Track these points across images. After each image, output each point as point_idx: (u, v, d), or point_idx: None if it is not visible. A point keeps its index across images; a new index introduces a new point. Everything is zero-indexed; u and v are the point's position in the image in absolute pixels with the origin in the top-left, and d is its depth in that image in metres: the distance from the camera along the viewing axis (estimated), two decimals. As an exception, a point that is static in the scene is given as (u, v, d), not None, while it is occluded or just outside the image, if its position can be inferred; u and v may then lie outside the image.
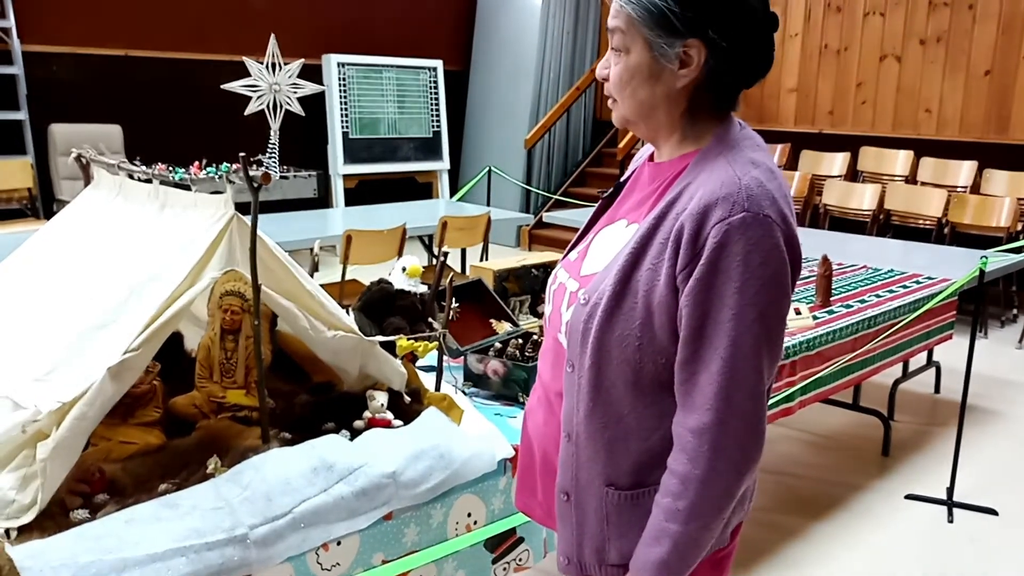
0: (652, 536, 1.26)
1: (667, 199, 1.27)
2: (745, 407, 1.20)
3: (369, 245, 4.69)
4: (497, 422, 2.16)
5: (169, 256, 1.83)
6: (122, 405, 1.82)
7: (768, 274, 1.18)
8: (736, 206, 1.17)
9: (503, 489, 2.04)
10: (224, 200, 1.84)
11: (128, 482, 1.72)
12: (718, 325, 1.18)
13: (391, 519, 1.82)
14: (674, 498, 1.24)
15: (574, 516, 1.39)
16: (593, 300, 1.29)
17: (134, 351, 1.64)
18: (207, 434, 1.90)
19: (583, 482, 1.36)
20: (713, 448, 1.20)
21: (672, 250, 1.21)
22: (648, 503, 1.30)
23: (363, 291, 2.29)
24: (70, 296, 1.92)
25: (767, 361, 1.21)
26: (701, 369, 1.21)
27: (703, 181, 1.23)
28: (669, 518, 1.24)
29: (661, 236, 1.24)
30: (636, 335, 1.25)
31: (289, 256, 1.95)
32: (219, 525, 1.58)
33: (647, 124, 1.32)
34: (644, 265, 1.25)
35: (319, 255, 2.61)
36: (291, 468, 1.74)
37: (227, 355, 2.02)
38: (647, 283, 1.24)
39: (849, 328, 3.37)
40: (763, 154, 1.29)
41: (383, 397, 2.07)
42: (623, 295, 1.26)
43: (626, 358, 1.26)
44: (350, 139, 8.14)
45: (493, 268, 3.04)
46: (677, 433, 1.25)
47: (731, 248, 1.17)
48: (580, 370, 1.31)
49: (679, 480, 1.23)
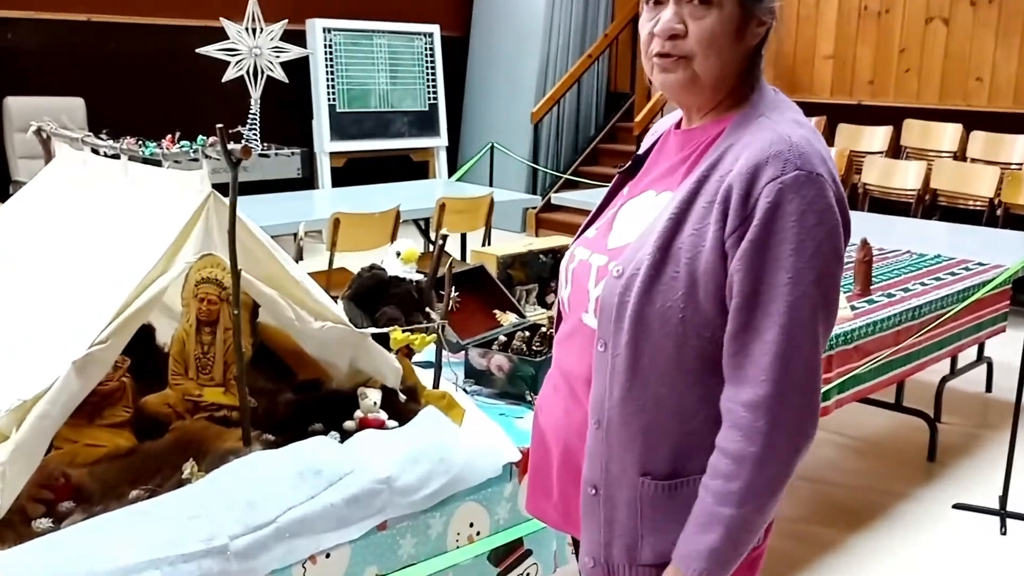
0: (701, 523, 1.29)
1: (707, 162, 1.31)
2: (803, 378, 1.24)
3: (359, 230, 4.68)
4: (502, 423, 2.17)
5: (139, 239, 1.83)
6: (88, 404, 1.83)
7: (823, 235, 1.23)
8: (788, 164, 1.23)
9: (509, 496, 2.05)
10: (200, 177, 1.84)
11: (95, 488, 1.73)
12: (773, 290, 1.23)
13: (385, 529, 1.83)
14: (726, 479, 1.26)
15: (603, 512, 1.41)
16: (629, 271, 1.32)
17: (101, 344, 1.65)
18: (182, 436, 1.90)
19: (615, 473, 1.38)
20: (770, 422, 1.23)
21: (719, 213, 1.26)
22: (686, 494, 1.33)
23: (352, 278, 2.29)
24: (30, 284, 1.92)
25: (823, 329, 1.26)
26: (755, 338, 1.24)
27: (748, 142, 1.28)
28: (721, 501, 1.27)
29: (705, 199, 1.28)
30: (679, 307, 1.28)
31: (271, 240, 1.95)
32: (196, 535, 1.58)
33: (714, 87, 1.36)
34: (686, 230, 1.29)
35: (304, 241, 2.62)
36: (275, 473, 1.74)
37: (203, 349, 2.03)
38: (691, 249, 1.28)
39: (891, 320, 3.37)
40: (803, 116, 1.34)
41: (376, 395, 2.07)
42: (664, 264, 1.29)
43: (668, 332, 1.29)
44: (337, 113, 8.14)
45: (496, 254, 3.05)
46: (728, 409, 1.28)
47: (785, 207, 1.22)
48: (615, 348, 1.33)
49: (732, 459, 1.26)
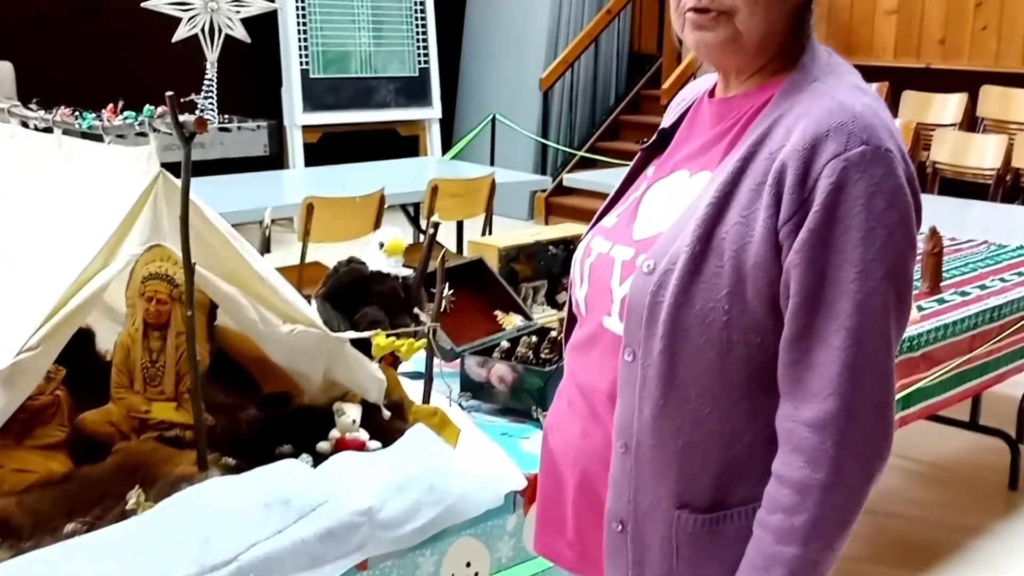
0: (758, 565, 1.29)
1: (753, 137, 1.31)
2: (875, 390, 1.24)
3: (336, 217, 4.69)
4: (504, 444, 2.17)
5: (75, 228, 1.84)
6: (16, 422, 1.84)
7: (895, 221, 1.23)
8: (853, 138, 1.22)
9: (512, 531, 2.05)
10: (147, 154, 1.84)
11: (25, 521, 1.73)
12: (839, 287, 1.22)
13: (366, 569, 1.83)
14: (788, 513, 1.26)
15: (631, 551, 1.40)
16: (663, 266, 1.31)
17: (30, 351, 1.66)
18: (126, 459, 1.90)
19: (645, 506, 1.38)
20: (839, 444, 1.23)
21: (771, 196, 1.25)
22: (730, 530, 1.33)
23: (328, 274, 2.30)
24: (-53, 281, 1.93)
25: (896, 332, 1.26)
26: (817, 344, 1.24)
27: (803, 112, 1.27)
28: (782, 539, 1.26)
29: (752, 181, 1.28)
30: (723, 308, 1.28)
31: (232, 229, 1.96)
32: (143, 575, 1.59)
33: (758, 48, 1.36)
34: (731, 218, 1.28)
35: (270, 228, 2.62)
36: (236, 503, 1.74)
37: (152, 357, 2.03)
38: (737, 240, 1.27)
39: (965, 323, 3.36)
40: (863, 82, 1.34)
41: (355, 412, 2.07)
42: (704, 257, 1.29)
43: (709, 338, 1.29)
44: (311, 79, 8.15)
45: (498, 245, 3.05)
46: (787, 430, 1.27)
47: (850, 189, 1.21)
48: (646, 358, 1.33)
49: (794, 489, 1.25)
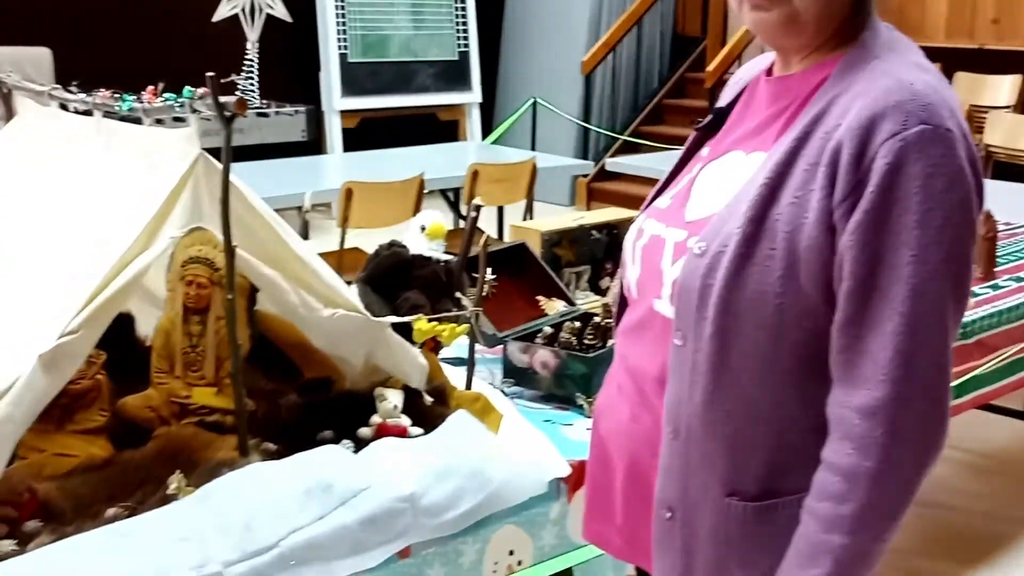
0: (805, 554, 1.27)
1: (809, 115, 1.29)
2: (929, 377, 1.22)
3: (376, 202, 4.69)
4: (547, 430, 2.16)
5: (116, 211, 1.84)
6: (58, 407, 1.85)
7: (954, 203, 1.20)
8: (911, 117, 1.20)
9: (556, 519, 2.04)
10: (187, 136, 1.84)
11: (67, 505, 1.74)
12: (894, 270, 1.20)
13: (408, 556, 1.84)
14: (836, 501, 1.24)
15: (680, 539, 1.39)
16: (714, 248, 1.30)
17: (72, 334, 1.67)
18: (167, 444, 1.92)
19: (695, 493, 1.37)
20: (890, 432, 1.22)
21: (826, 176, 1.23)
22: (782, 518, 1.32)
23: (369, 258, 2.29)
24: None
25: (953, 319, 1.24)
26: (871, 330, 1.22)
27: (860, 90, 1.25)
28: (830, 527, 1.25)
29: (807, 161, 1.26)
30: (775, 291, 1.26)
31: (273, 212, 1.96)
32: (185, 561, 1.60)
33: (818, 26, 1.33)
34: (784, 199, 1.27)
35: (310, 215, 2.62)
36: (277, 489, 1.75)
37: (192, 342, 2.04)
38: (790, 222, 1.26)
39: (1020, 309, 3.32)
40: (925, 59, 1.31)
41: (397, 397, 2.07)
42: (757, 239, 1.27)
43: (761, 323, 1.27)
44: (349, 64, 8.15)
45: (540, 229, 3.04)
46: (838, 416, 1.26)
47: (908, 170, 1.19)
48: (697, 342, 1.32)
49: (843, 477, 1.24)
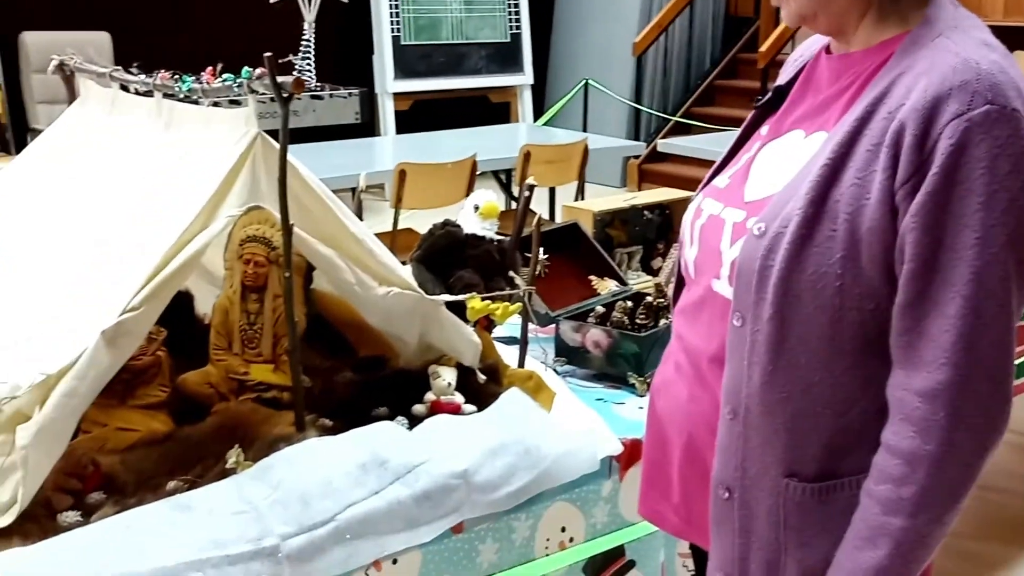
0: (864, 536, 1.28)
1: (871, 95, 1.28)
2: (992, 360, 1.21)
3: (428, 183, 4.72)
4: (599, 409, 2.17)
5: (175, 190, 1.87)
6: (119, 382, 1.89)
7: (1020, 185, 1.19)
8: (977, 97, 1.18)
9: (608, 496, 2.05)
10: (245, 115, 1.86)
11: (128, 478, 1.78)
12: (956, 253, 1.20)
13: (461, 531, 1.85)
14: (896, 484, 1.25)
15: (738, 519, 1.40)
16: (774, 229, 1.30)
17: (133, 311, 1.69)
18: (226, 420, 1.95)
19: (753, 473, 1.37)
20: (951, 415, 1.21)
21: (888, 157, 1.23)
22: (840, 500, 1.32)
23: (423, 237, 2.31)
24: (53, 244, 1.98)
25: (1017, 302, 1.23)
26: (932, 312, 1.22)
27: (924, 69, 1.24)
28: (890, 510, 1.25)
29: (869, 141, 1.25)
30: (836, 273, 1.26)
31: (329, 191, 1.98)
32: (243, 534, 1.62)
33: (826, 12, 1.34)
34: (846, 179, 1.26)
35: (363, 195, 2.64)
36: (333, 464, 1.77)
37: (250, 319, 2.07)
38: (851, 203, 1.25)
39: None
40: (992, 37, 1.30)
41: (450, 375, 2.09)
42: (817, 220, 1.27)
43: (821, 304, 1.27)
44: (402, 47, 8.18)
45: (592, 209, 3.05)
46: (898, 399, 1.26)
47: (972, 151, 1.18)
48: (755, 323, 1.32)
49: (903, 459, 1.24)
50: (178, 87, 1.98)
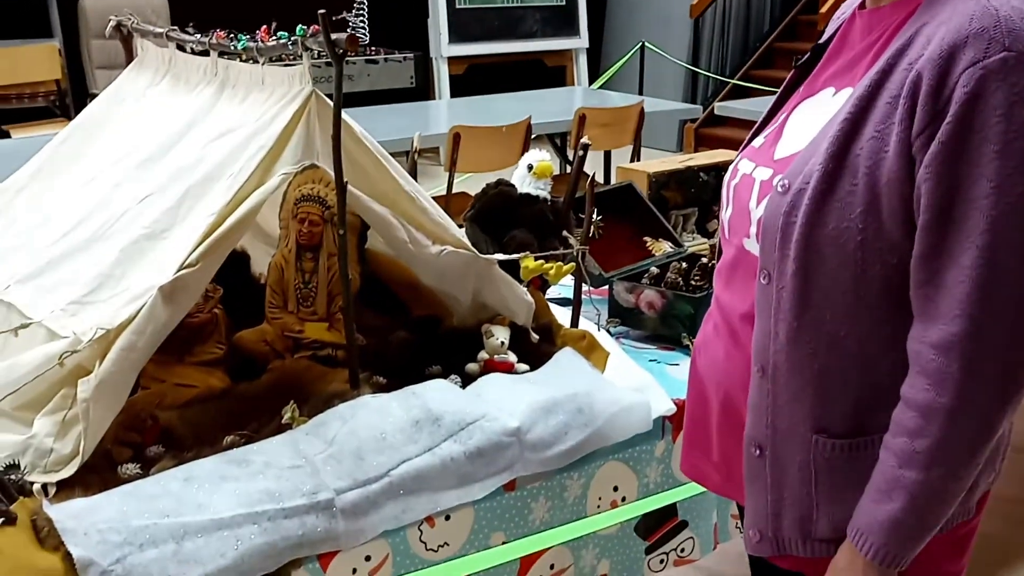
0: (881, 489, 1.28)
1: (894, 47, 1.27)
2: (1008, 311, 1.20)
3: (482, 147, 4.72)
4: (653, 370, 2.17)
5: (231, 147, 1.89)
6: (177, 339, 1.92)
7: None
8: (994, 44, 1.17)
9: (660, 456, 2.05)
10: (299, 74, 1.88)
11: (186, 432, 1.82)
12: (971, 203, 1.18)
13: (514, 489, 1.87)
14: (911, 436, 1.24)
15: (769, 476, 1.40)
16: (796, 185, 1.30)
17: (190, 267, 1.72)
18: (281, 377, 1.98)
19: (782, 430, 1.37)
20: (965, 367, 1.20)
21: (906, 108, 1.21)
22: (871, 456, 1.31)
23: (477, 196, 2.32)
24: (110, 201, 2.01)
25: None
26: (947, 264, 1.21)
27: (945, 18, 1.23)
28: (905, 463, 1.25)
29: (889, 93, 1.24)
30: (857, 227, 1.25)
31: (383, 150, 1.98)
32: (299, 488, 1.65)
33: None
34: (866, 133, 1.25)
35: (417, 153, 2.64)
36: (387, 420, 1.79)
37: (304, 278, 2.09)
38: (871, 156, 1.24)
39: None
40: None
41: (504, 334, 2.10)
42: (838, 175, 1.27)
43: (843, 260, 1.27)
44: (457, 10, 8.16)
45: (648, 171, 3.03)
46: (915, 352, 1.25)
47: (988, 99, 1.16)
48: (780, 280, 1.32)
49: (918, 412, 1.24)
50: (233, 45, 2.00)
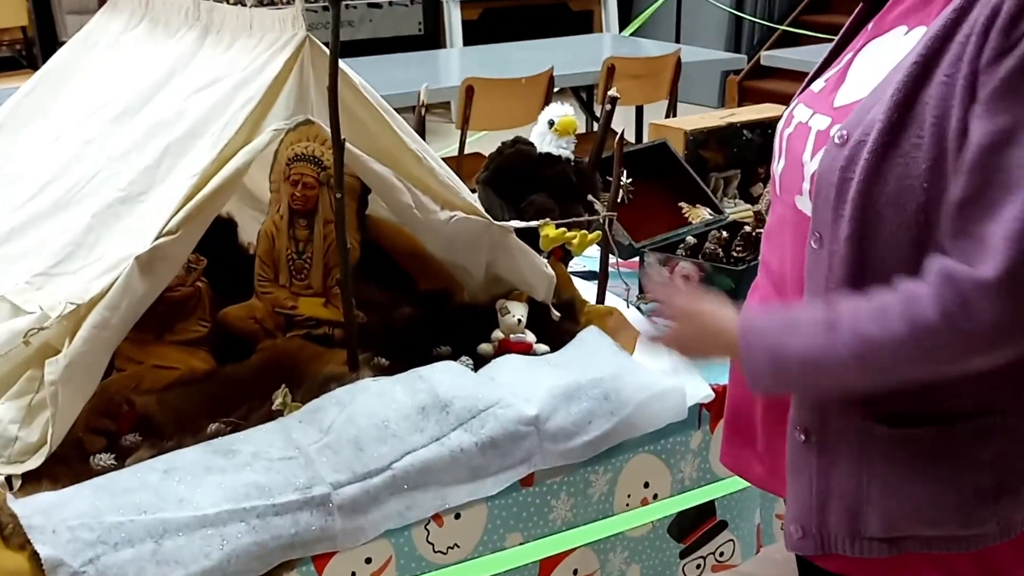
0: (799, 320, 1.31)
1: None
2: None
3: (499, 100, 4.71)
4: (689, 351, 2.16)
5: (215, 100, 1.88)
6: (156, 316, 1.92)
7: None
8: None
9: (697, 449, 2.05)
10: (292, 17, 1.86)
11: (166, 419, 1.82)
12: (1021, 149, 1.16)
13: (531, 484, 1.86)
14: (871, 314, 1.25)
15: (816, 464, 1.40)
16: (856, 137, 1.28)
17: (170, 235, 1.72)
18: (272, 357, 1.98)
19: (832, 414, 1.37)
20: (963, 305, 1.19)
21: (976, 47, 1.20)
22: (932, 445, 1.31)
23: (491, 155, 2.31)
24: (81, 160, 2.01)
25: None
26: (986, 215, 1.19)
27: None
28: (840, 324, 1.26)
29: (964, 33, 1.23)
30: (921, 186, 1.24)
31: (385, 103, 1.97)
32: (291, 481, 1.65)
33: None
34: (935, 78, 1.24)
35: (425, 107, 2.63)
36: (390, 407, 1.79)
37: (298, 248, 2.09)
38: (939, 104, 1.23)
39: None
40: None
41: (521, 311, 2.09)
42: (903, 126, 1.25)
43: (904, 222, 1.26)
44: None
45: (684, 128, 3.01)
46: (928, 267, 1.24)
47: None
48: (832, 244, 1.31)
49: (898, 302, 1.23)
50: (218, -14, 1.99)
